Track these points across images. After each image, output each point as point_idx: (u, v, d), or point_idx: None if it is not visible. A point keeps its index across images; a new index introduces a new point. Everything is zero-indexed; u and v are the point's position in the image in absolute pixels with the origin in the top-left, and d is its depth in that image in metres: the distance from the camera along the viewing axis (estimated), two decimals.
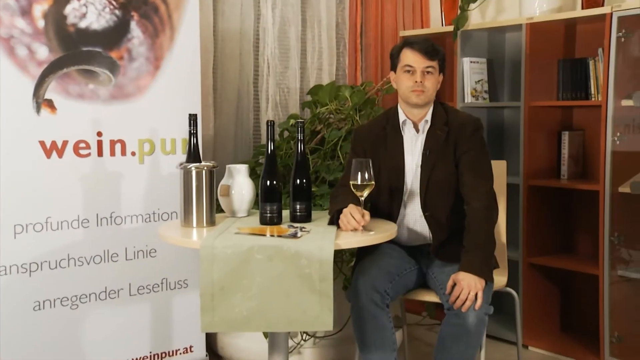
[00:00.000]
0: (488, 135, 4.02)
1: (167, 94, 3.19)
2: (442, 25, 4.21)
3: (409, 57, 2.78)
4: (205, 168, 2.73)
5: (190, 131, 2.74)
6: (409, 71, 2.78)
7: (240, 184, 2.87)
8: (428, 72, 2.77)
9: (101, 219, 3.03)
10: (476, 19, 4.26)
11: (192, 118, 2.75)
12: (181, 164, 2.73)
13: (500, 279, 3.07)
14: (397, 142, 2.86)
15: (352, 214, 2.60)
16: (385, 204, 2.89)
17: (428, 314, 4.07)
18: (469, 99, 3.94)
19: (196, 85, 3.30)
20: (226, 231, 2.58)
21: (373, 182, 2.63)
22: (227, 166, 2.92)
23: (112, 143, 3.06)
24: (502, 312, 3.59)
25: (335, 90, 3.79)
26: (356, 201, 2.63)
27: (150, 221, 3.17)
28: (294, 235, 2.52)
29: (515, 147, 3.81)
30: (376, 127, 2.92)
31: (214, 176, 2.77)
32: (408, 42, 2.81)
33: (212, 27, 3.87)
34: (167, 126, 3.19)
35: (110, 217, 3.06)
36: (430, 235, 2.85)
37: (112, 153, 3.06)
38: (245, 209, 2.90)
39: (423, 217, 2.85)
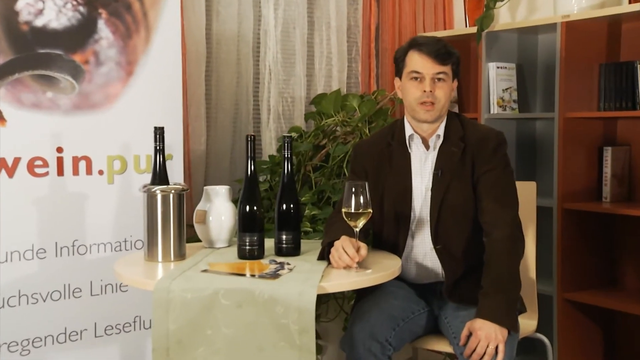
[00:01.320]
0: (517, 152, 3.65)
1: (141, 103, 2.80)
2: (466, 26, 3.76)
3: (416, 61, 2.35)
4: (174, 191, 2.32)
5: (156, 147, 2.35)
6: (416, 78, 2.35)
7: (218, 209, 2.49)
8: (439, 80, 2.35)
9: (61, 249, 2.64)
10: (504, 18, 3.83)
11: (158, 131, 2.36)
12: (144, 186, 2.33)
13: (528, 323, 2.61)
14: (403, 160, 2.42)
15: (344, 248, 2.17)
16: (389, 234, 2.46)
17: None
18: (495, 109, 3.54)
19: (177, 93, 2.92)
20: (192, 268, 2.17)
21: (370, 210, 2.18)
22: (205, 188, 2.53)
23: (75, 160, 2.67)
24: None
25: (342, 100, 3.35)
26: (352, 231, 2.19)
27: (120, 250, 2.78)
28: (273, 275, 2.08)
29: (549, 165, 3.44)
30: (379, 143, 2.49)
31: (184, 201, 2.37)
32: (415, 43, 2.38)
33: (205, 28, 3.48)
34: (142, 141, 2.80)
35: (72, 246, 2.67)
36: (443, 272, 2.41)
37: (75, 172, 2.67)
38: (225, 238, 2.51)
39: (434, 251, 2.41)
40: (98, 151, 2.71)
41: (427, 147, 2.42)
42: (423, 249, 2.44)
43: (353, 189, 2.18)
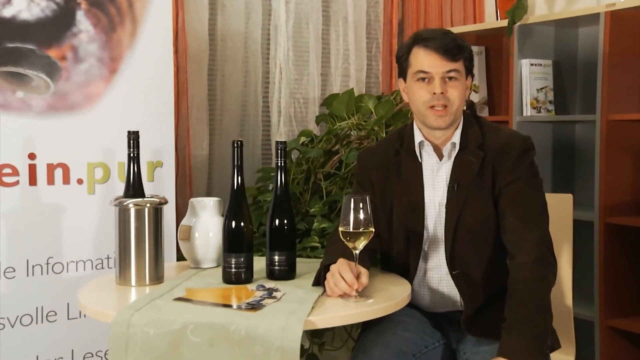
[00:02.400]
0: (553, 159, 3.36)
1: (127, 104, 2.55)
2: (497, 19, 3.43)
3: (422, 59, 2.04)
4: (149, 205, 2.03)
5: (129, 154, 2.07)
6: (423, 79, 2.04)
7: (205, 225, 2.21)
8: (451, 78, 2.04)
9: (33, 267, 2.38)
10: (541, 9, 3.53)
11: (132, 136, 2.08)
12: (116, 199, 2.05)
13: (564, 359, 2.24)
14: (414, 171, 2.11)
15: (341, 274, 1.87)
16: (399, 255, 2.15)
17: None
18: (528, 111, 3.26)
19: (168, 93, 2.67)
20: (165, 295, 1.88)
21: (371, 229, 1.87)
22: (190, 200, 2.24)
23: (51, 168, 2.41)
24: None
25: (356, 101, 3.03)
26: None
27: (102, 268, 2.52)
28: (256, 305, 1.78)
29: (589, 174, 3.13)
30: (386, 151, 2.18)
31: (161, 216, 2.08)
32: (419, 38, 2.06)
33: (208, 23, 3.23)
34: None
35: (47, 264, 2.41)
36: (461, 300, 2.07)
37: (50, 181, 2.41)
38: (212, 258, 2.23)
39: (450, 276, 2.06)
40: (77, 158, 2.47)
41: (440, 156, 2.09)
42: (438, 273, 2.11)
43: (352, 204, 1.86)
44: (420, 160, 2.11)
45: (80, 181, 2.47)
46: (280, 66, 3.41)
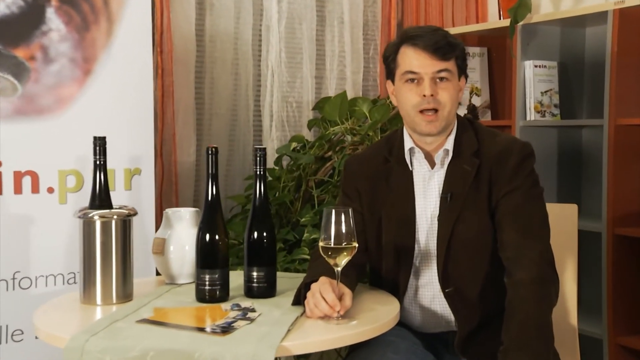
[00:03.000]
0: (559, 166, 3.21)
1: (102, 108, 2.41)
2: (500, 18, 3.27)
3: (410, 58, 1.90)
4: (117, 216, 1.89)
5: (95, 161, 1.93)
6: (412, 80, 1.89)
7: (181, 237, 2.07)
8: (442, 79, 1.89)
9: None
10: (546, 7, 3.39)
11: (98, 142, 1.93)
12: (81, 211, 1.90)
13: None
14: (404, 181, 1.96)
15: (322, 294, 1.71)
16: (389, 271, 2.01)
17: None
18: (532, 115, 3.11)
19: (147, 96, 2.54)
20: (129, 316, 1.73)
21: (355, 244, 1.71)
22: (165, 211, 2.09)
23: (18, 176, 2.27)
24: None
25: (350, 104, 2.88)
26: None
27: (74, 283, 2.37)
28: (226, 328, 1.63)
29: (597, 182, 3.00)
30: (375, 159, 2.03)
31: (130, 228, 1.94)
32: (407, 36, 1.92)
33: (195, 23, 3.10)
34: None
35: (13, 279, 2.26)
36: (455, 320, 1.92)
37: (18, 190, 2.27)
38: (189, 273, 2.10)
39: (443, 294, 1.91)
40: (47, 165, 2.32)
41: (431, 164, 1.93)
42: (430, 291, 1.95)
43: (333, 216, 1.70)
44: (410, 169, 1.95)
45: (50, 190, 2.33)
46: (272, 68, 3.26)
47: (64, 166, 2.34)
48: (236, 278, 1.98)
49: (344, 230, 1.70)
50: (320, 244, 1.71)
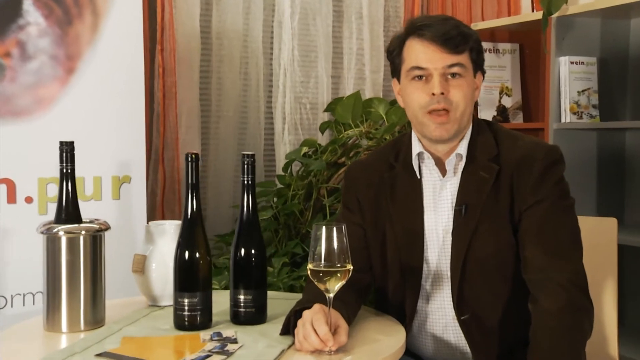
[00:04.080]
0: (598, 173, 2.95)
1: (86, 109, 2.22)
2: (532, 10, 3.01)
3: (417, 52, 1.66)
4: (85, 232, 1.68)
5: (62, 169, 1.72)
6: (419, 77, 1.66)
7: (163, 254, 1.85)
8: (454, 75, 1.65)
9: None
10: None
11: (66, 148, 1.71)
12: (44, 225, 1.69)
13: None
14: (411, 190, 1.72)
15: (314, 325, 1.48)
16: (395, 294, 1.77)
17: None
18: (567, 117, 2.86)
19: (138, 97, 2.34)
20: (91, 348, 1.53)
21: (349, 267, 1.47)
22: (146, 225, 1.89)
23: None
24: None
25: (365, 105, 2.64)
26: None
27: None
28: None
29: None
30: (379, 166, 1.80)
31: (102, 245, 1.72)
32: (413, 27, 1.69)
33: (201, 19, 2.93)
34: (87, 158, 2.17)
35: None
36: (471, 351, 1.68)
37: None
38: (172, 294, 1.81)
39: (457, 321, 1.66)
40: (25, 172, 2.14)
41: (443, 171, 1.68)
42: (443, 317, 1.70)
43: (323, 234, 1.46)
44: (419, 177, 1.70)
45: (29, 200, 2.14)
46: (284, 67, 3.08)
47: (44, 174, 2.15)
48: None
49: (336, 250, 1.46)
50: (309, 266, 1.47)
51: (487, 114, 3.04)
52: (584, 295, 1.59)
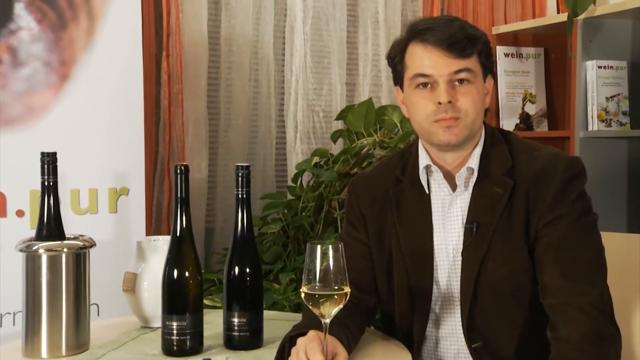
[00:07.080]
0: (629, 185, 2.77)
1: (82, 118, 2.11)
2: (558, 12, 2.85)
3: (420, 58, 1.54)
4: (67, 249, 1.58)
5: (43, 182, 1.62)
6: (424, 85, 1.52)
7: (155, 272, 1.73)
8: (462, 82, 1.51)
9: None
10: None
11: (48, 160, 1.62)
12: (24, 242, 1.59)
13: None
14: (419, 206, 1.59)
15: (308, 355, 1.37)
16: (403, 318, 1.64)
17: None
18: (595, 125, 2.70)
19: (137, 105, 2.23)
20: None
21: (346, 290, 1.34)
22: (138, 241, 1.78)
23: None
24: None
25: (378, 113, 2.51)
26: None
27: None
28: None
29: None
30: (385, 178, 1.67)
31: (86, 263, 1.62)
32: (416, 31, 1.55)
33: (209, 24, 2.81)
34: (82, 170, 2.10)
35: None
36: None
37: None
38: None
39: (468, 349, 1.51)
40: (16, 184, 2.03)
41: (452, 186, 1.54)
42: (454, 344, 1.57)
43: (318, 254, 1.33)
44: (427, 192, 1.56)
45: (20, 213, 2.04)
46: (296, 74, 2.95)
47: (36, 186, 2.02)
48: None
49: (332, 271, 1.33)
50: (302, 289, 1.34)
51: (509, 122, 2.89)
52: (609, 322, 1.44)
